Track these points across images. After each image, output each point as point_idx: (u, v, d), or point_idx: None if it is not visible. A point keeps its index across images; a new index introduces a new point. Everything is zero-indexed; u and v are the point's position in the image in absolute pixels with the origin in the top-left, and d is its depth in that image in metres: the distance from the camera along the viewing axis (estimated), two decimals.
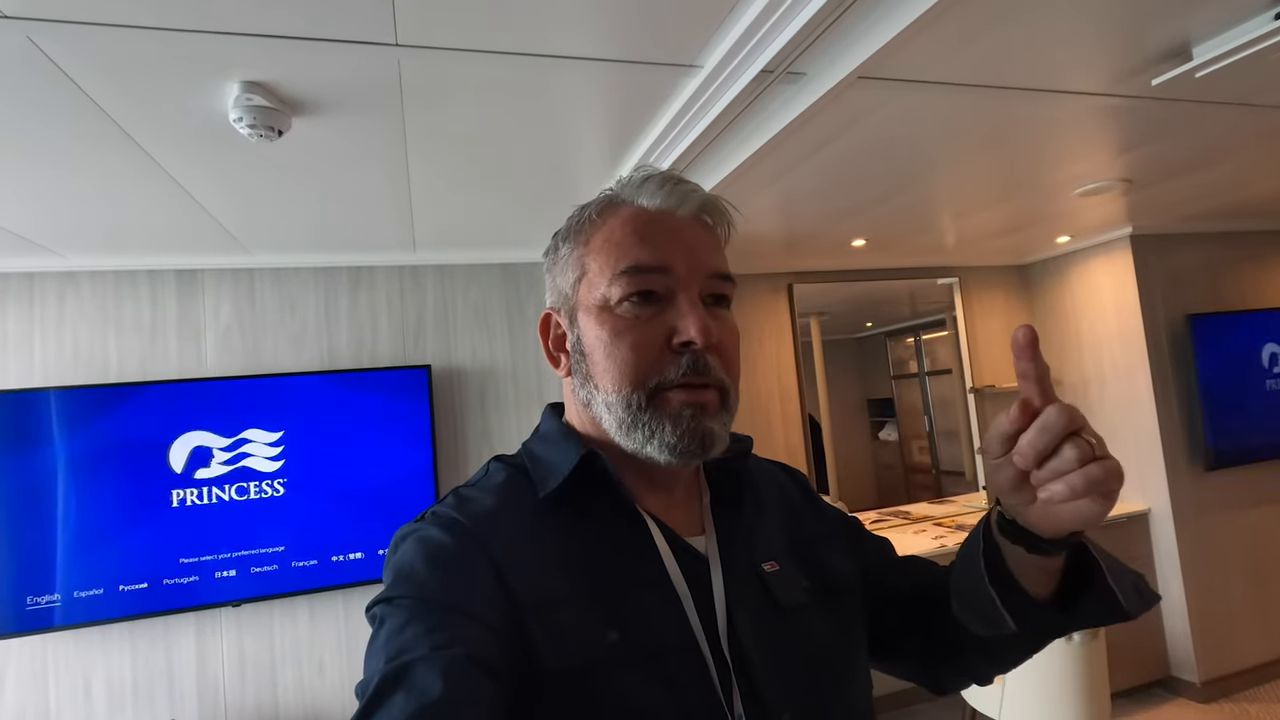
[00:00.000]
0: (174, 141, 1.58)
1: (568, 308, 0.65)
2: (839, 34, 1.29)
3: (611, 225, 0.63)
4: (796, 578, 0.65)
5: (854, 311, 4.69)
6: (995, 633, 0.57)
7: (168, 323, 2.54)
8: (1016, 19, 1.33)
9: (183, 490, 2.42)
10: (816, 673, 0.61)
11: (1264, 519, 3.38)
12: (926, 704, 3.24)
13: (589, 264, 0.63)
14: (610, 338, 0.60)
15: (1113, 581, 0.54)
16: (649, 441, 0.59)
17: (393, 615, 0.51)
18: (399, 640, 0.49)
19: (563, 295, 0.65)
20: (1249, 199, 2.99)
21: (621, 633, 0.54)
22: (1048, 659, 2.20)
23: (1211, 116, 1.92)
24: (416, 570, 0.54)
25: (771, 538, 0.68)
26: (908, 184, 2.34)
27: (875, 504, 3.94)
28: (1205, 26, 1.43)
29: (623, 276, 0.60)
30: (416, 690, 0.45)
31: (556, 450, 0.64)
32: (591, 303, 0.62)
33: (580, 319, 0.63)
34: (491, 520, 0.59)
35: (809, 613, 0.64)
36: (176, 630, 2.44)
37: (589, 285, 0.62)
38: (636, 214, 0.63)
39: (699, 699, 0.54)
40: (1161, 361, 3.30)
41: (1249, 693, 3.18)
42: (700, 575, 0.61)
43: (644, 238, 0.61)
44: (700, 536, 0.64)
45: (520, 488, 0.63)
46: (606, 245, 0.62)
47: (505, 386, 2.88)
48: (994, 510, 0.57)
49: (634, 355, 0.59)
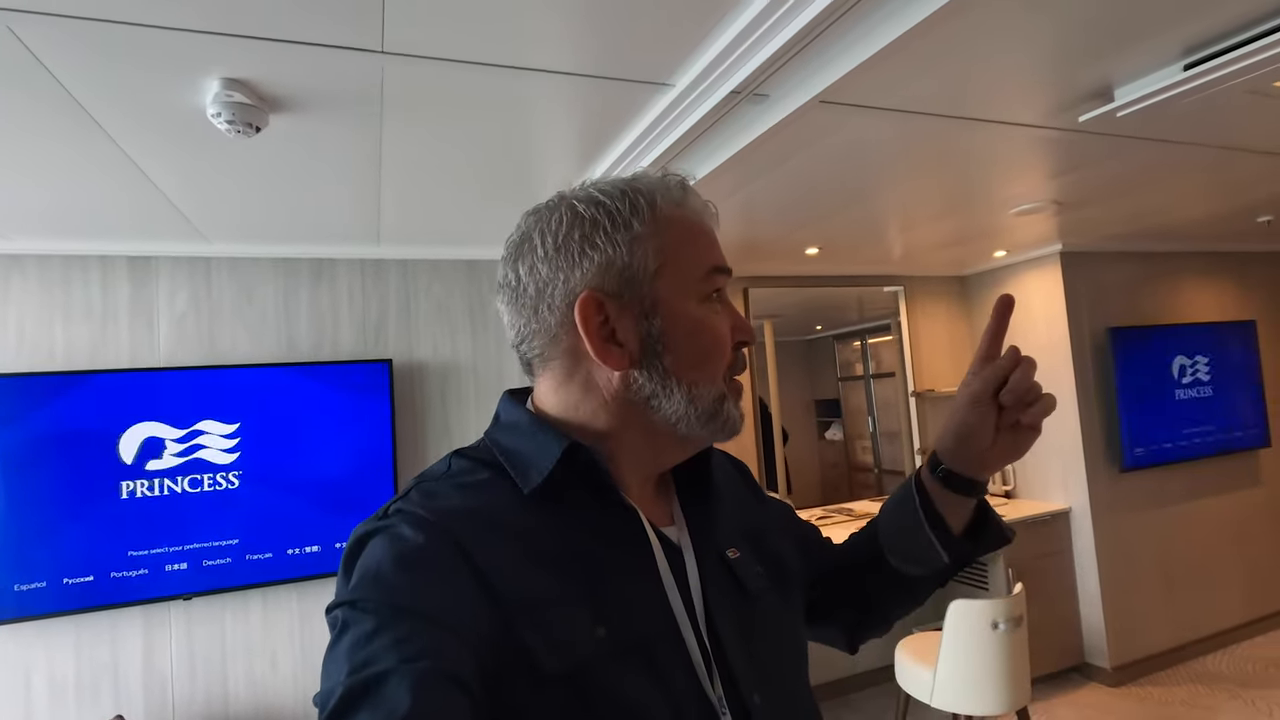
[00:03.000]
0: (143, 130, 1.57)
1: (637, 295, 0.60)
2: (804, 61, 1.38)
3: (686, 219, 0.64)
4: (755, 564, 0.69)
5: (805, 315, 4.86)
6: (928, 570, 0.72)
7: (119, 310, 2.48)
8: (963, 57, 1.45)
9: (133, 482, 2.38)
10: (780, 655, 0.66)
11: (1170, 517, 3.68)
12: (862, 692, 3.42)
13: (678, 253, 0.62)
14: (710, 332, 0.63)
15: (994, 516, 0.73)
16: (722, 427, 0.63)
17: (358, 622, 0.48)
18: (366, 650, 0.46)
19: (629, 281, 0.60)
20: (1165, 223, 3.26)
21: (608, 627, 0.54)
22: (975, 647, 2.37)
23: (1131, 150, 2.10)
24: (384, 573, 0.51)
25: (730, 526, 0.70)
26: (860, 199, 2.48)
27: (820, 501, 4.10)
28: (1126, 72, 1.58)
29: (714, 274, 0.63)
30: (384, 706, 0.43)
31: (532, 442, 0.62)
32: (683, 295, 0.62)
33: (665, 310, 0.61)
34: (465, 518, 0.56)
35: (770, 598, 0.68)
36: (123, 624, 2.39)
37: (677, 278, 0.61)
38: (694, 214, 0.65)
39: (684, 684, 0.56)
40: (1085, 370, 3.56)
41: (1153, 676, 3.46)
42: (677, 564, 0.62)
43: (712, 241, 0.66)
44: (672, 526, 0.66)
45: (491, 482, 0.60)
46: (692, 238, 0.63)
47: (466, 382, 2.91)
48: (922, 469, 0.72)
49: (723, 349, 0.63)
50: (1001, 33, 1.37)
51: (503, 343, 2.98)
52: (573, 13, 1.22)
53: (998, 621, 2.37)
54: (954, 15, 1.16)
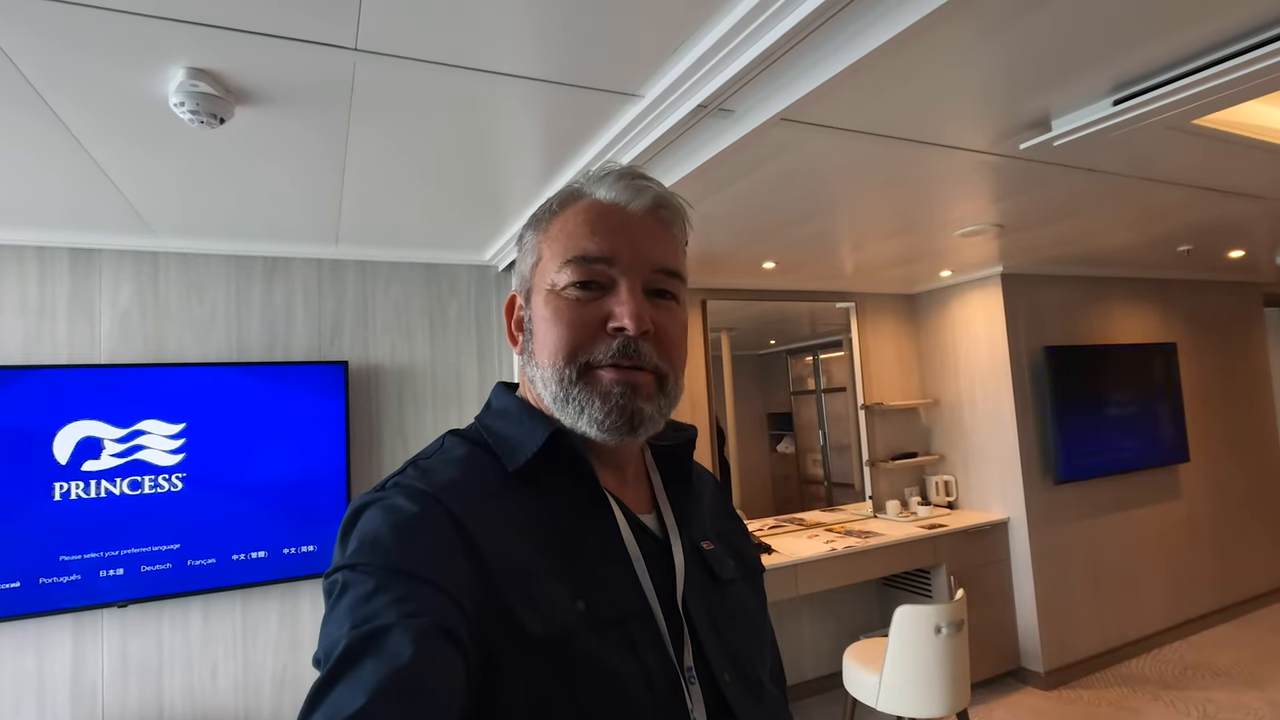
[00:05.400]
0: (96, 115, 1.53)
1: (524, 290, 0.69)
2: (768, 79, 1.44)
3: (567, 216, 0.66)
4: (726, 557, 0.73)
5: (760, 329, 4.96)
6: None
7: (57, 304, 2.38)
8: (914, 84, 1.54)
9: (66, 483, 2.27)
10: (747, 639, 0.69)
11: (1100, 527, 3.88)
12: (810, 699, 3.48)
13: (544, 251, 0.67)
14: (551, 316, 0.64)
15: None
16: (580, 416, 0.62)
17: (358, 582, 0.51)
18: (367, 607, 0.48)
19: (522, 279, 0.70)
20: (1097, 249, 3.46)
21: (588, 602, 0.57)
22: (919, 651, 2.45)
23: (1066, 178, 2.25)
24: (383, 538, 0.54)
25: (705, 521, 0.75)
26: (814, 215, 2.57)
27: (773, 511, 4.17)
28: (1062, 104, 1.70)
29: (570, 264, 0.64)
30: (387, 656, 0.45)
31: (520, 426, 0.66)
32: (542, 286, 0.66)
33: (532, 300, 0.67)
34: (458, 490, 0.59)
35: (739, 586, 0.72)
36: (51, 633, 2.27)
37: (542, 270, 0.66)
38: (591, 206, 0.66)
39: (657, 661, 0.59)
40: (1023, 386, 3.73)
41: (1083, 680, 3.62)
42: (652, 549, 0.65)
43: (595, 229, 0.64)
44: (649, 514, 0.70)
45: (482, 461, 0.64)
46: (560, 234, 0.66)
47: (424, 386, 2.88)
48: None
49: (569, 333, 0.63)
50: (951, 63, 1.46)
51: (463, 347, 2.96)
52: (550, 21, 1.26)
53: (940, 626, 2.46)
54: (907, 43, 1.24)
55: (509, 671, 0.53)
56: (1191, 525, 4.27)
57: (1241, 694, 3.37)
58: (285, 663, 2.55)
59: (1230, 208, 2.81)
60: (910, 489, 4.17)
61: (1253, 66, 1.43)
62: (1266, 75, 1.47)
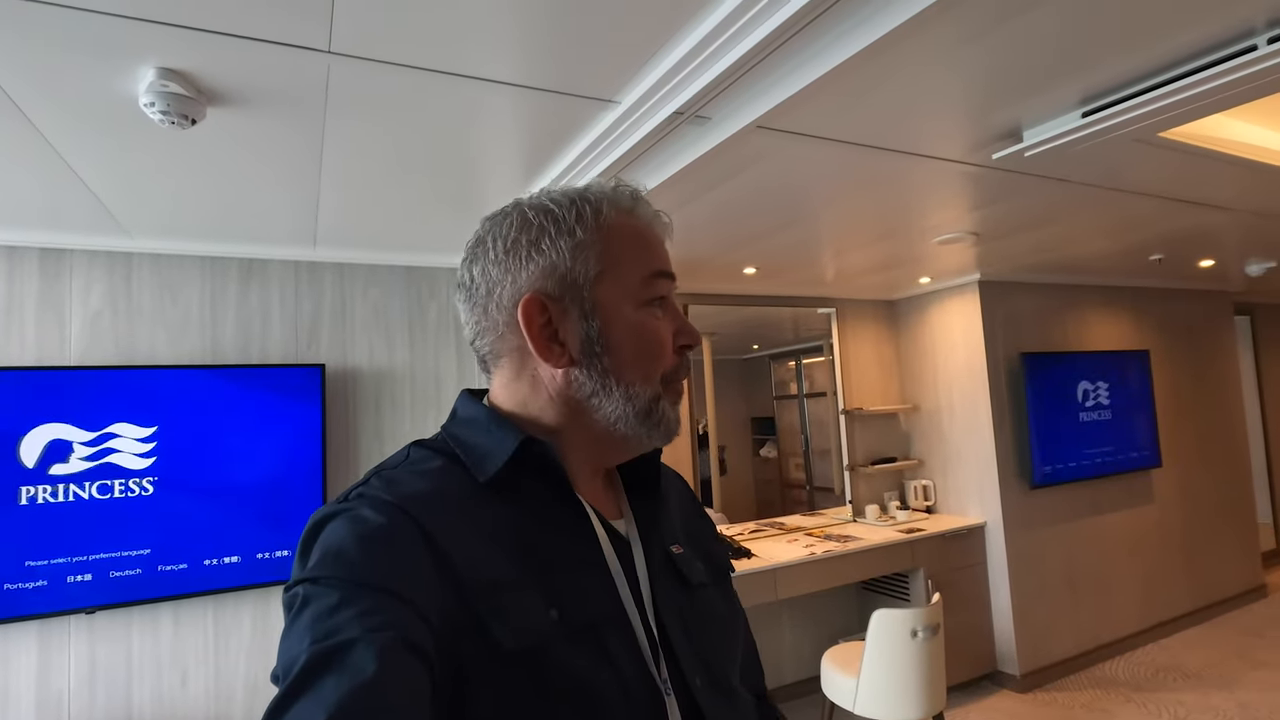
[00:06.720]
0: (66, 114, 1.50)
1: (578, 298, 0.64)
2: (744, 87, 1.46)
3: (632, 227, 0.67)
4: (696, 561, 0.73)
5: (743, 334, 4.98)
6: None
7: (25, 304, 2.34)
8: (888, 94, 1.56)
9: (33, 487, 2.23)
10: (718, 643, 0.69)
11: (1075, 531, 3.93)
12: (788, 703, 3.49)
13: (619, 259, 0.65)
14: (649, 334, 0.65)
15: None
16: (656, 428, 0.65)
17: (320, 596, 0.49)
18: (329, 622, 0.47)
19: (570, 285, 0.64)
20: (1070, 257, 3.52)
21: (561, 611, 0.57)
22: (896, 655, 2.47)
23: (1038, 188, 2.28)
24: (347, 550, 0.52)
25: (673, 525, 0.75)
26: (794, 222, 2.59)
27: (755, 515, 4.19)
28: (1033, 115, 1.73)
29: (656, 279, 0.66)
30: (350, 671, 0.43)
31: (489, 436, 0.64)
32: (623, 299, 0.65)
33: (604, 312, 0.64)
34: (425, 501, 0.58)
35: (709, 591, 0.72)
36: (15, 640, 2.23)
37: (618, 281, 0.65)
38: (643, 221, 0.68)
39: (632, 667, 0.58)
40: (1000, 392, 3.78)
41: (1058, 683, 3.67)
42: (626, 554, 0.66)
43: (658, 246, 0.68)
44: (620, 520, 0.70)
45: (450, 471, 0.63)
46: (635, 245, 0.66)
47: (402, 390, 2.86)
48: None
49: (662, 351, 0.66)
50: (925, 73, 1.48)
51: (441, 350, 2.95)
52: (526, 26, 1.26)
53: (916, 629, 2.47)
54: (881, 52, 1.25)
55: (478, 685, 0.52)
56: (1163, 529, 4.34)
57: (1211, 695, 3.42)
58: (258, 669, 2.51)
59: (1200, 218, 2.87)
60: (889, 493, 4.20)
61: (1216, 81, 1.46)
62: (1229, 90, 1.50)
